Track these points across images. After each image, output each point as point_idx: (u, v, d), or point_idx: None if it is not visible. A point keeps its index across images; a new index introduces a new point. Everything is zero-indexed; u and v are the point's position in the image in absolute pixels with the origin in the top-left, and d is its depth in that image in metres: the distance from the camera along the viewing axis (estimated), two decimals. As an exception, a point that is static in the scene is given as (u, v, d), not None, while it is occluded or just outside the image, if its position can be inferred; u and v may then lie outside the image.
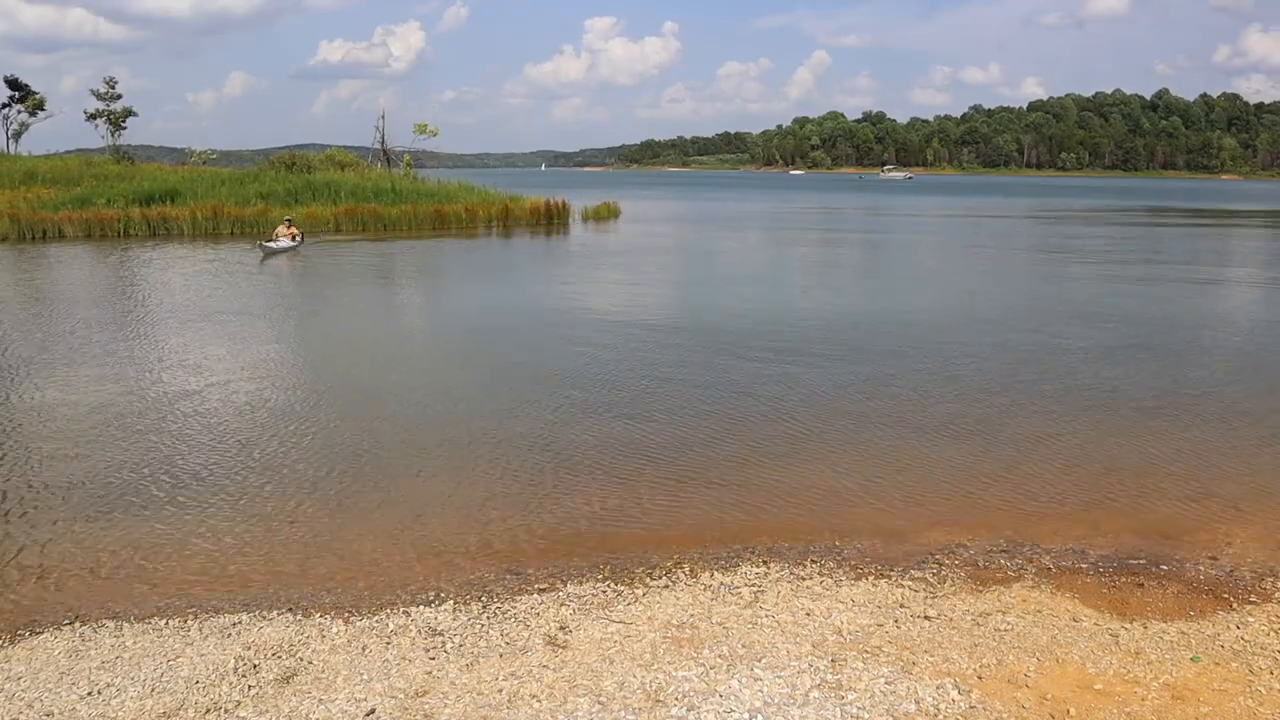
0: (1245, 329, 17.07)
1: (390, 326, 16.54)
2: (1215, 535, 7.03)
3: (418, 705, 4.60)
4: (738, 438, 9.45)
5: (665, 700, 4.59)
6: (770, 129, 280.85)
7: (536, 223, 39.75)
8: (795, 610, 5.66)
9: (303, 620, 5.61)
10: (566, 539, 6.95)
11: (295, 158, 45.41)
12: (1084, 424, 10.03)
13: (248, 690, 4.78)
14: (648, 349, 13.88)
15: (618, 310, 17.86)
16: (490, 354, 13.69)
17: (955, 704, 4.55)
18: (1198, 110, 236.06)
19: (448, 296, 20.67)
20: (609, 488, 8.01)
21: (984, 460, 8.81)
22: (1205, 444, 9.37)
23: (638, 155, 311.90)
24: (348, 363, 13.29)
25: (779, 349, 13.96)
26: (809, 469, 8.55)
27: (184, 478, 8.21)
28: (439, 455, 8.91)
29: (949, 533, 7.05)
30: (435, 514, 7.42)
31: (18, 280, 22.12)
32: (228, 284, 21.38)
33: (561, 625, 5.48)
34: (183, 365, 12.68)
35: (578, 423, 9.93)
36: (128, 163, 46.48)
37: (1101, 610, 5.71)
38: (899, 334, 15.30)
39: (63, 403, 10.67)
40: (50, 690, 4.82)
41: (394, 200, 37.22)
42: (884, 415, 10.32)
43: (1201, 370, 12.99)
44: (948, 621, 5.51)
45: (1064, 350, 14.03)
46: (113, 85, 53.89)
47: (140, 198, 34.08)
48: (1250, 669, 4.94)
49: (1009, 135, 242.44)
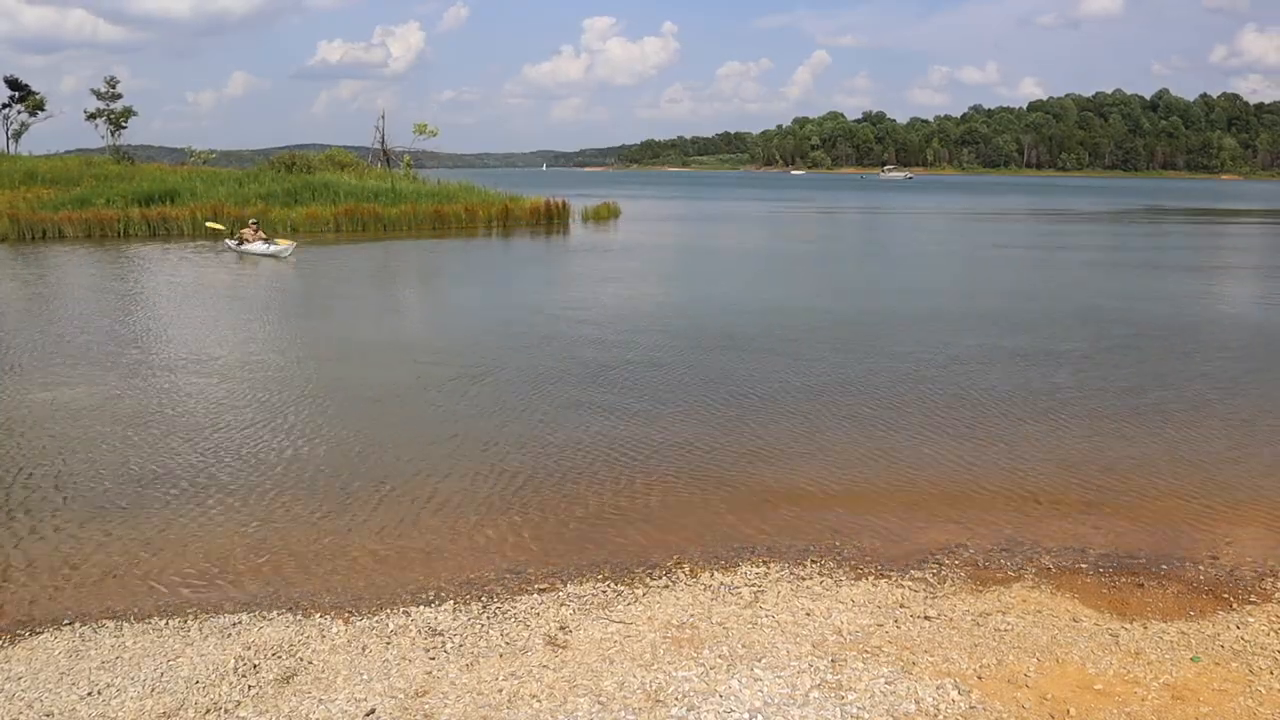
0: (1247, 328, 17.07)
1: (390, 326, 16.54)
2: (1215, 535, 7.03)
3: (418, 705, 4.60)
4: (738, 437, 9.45)
5: (665, 700, 4.59)
6: (770, 129, 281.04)
7: (536, 223, 39.76)
8: (795, 610, 5.66)
9: (303, 620, 5.61)
10: (566, 539, 6.95)
11: (295, 158, 45.41)
12: (1084, 423, 10.03)
13: (248, 690, 4.78)
14: (647, 348, 13.87)
15: (616, 309, 17.86)
16: (489, 353, 13.69)
17: (955, 704, 4.55)
18: (1198, 110, 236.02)
19: (446, 296, 20.67)
20: (609, 487, 8.01)
21: (984, 460, 8.80)
22: (1205, 443, 9.37)
23: (638, 155, 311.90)
24: (348, 362, 13.29)
25: (779, 348, 13.96)
26: (809, 469, 8.55)
27: (184, 477, 8.21)
28: (439, 454, 8.91)
29: (949, 533, 7.05)
30: (435, 514, 7.42)
31: (18, 280, 22.13)
32: (228, 284, 21.39)
33: (561, 625, 5.48)
34: (182, 365, 12.68)
35: (577, 422, 9.92)
36: (128, 163, 46.46)
37: (1101, 610, 5.71)
38: (899, 333, 15.29)
39: (62, 402, 10.67)
40: (50, 690, 4.82)
41: (393, 200, 37.22)
42: (884, 415, 10.31)
43: (1202, 370, 12.98)
44: (948, 621, 5.51)
45: (1064, 350, 14.03)
46: (113, 85, 53.92)
47: (140, 198, 34.06)
48: (1250, 669, 4.94)
49: (1009, 135, 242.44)
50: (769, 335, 15.09)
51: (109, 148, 53.01)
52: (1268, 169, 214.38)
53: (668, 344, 14.29)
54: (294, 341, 14.86)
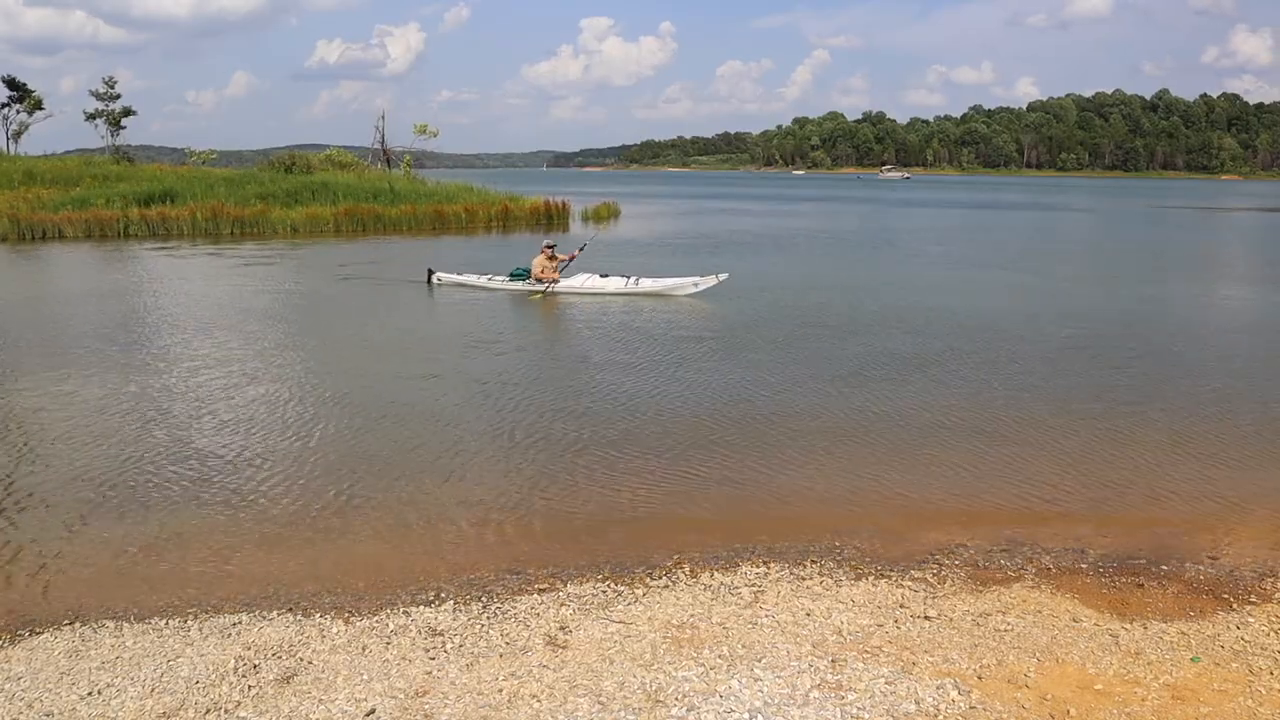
0: (1248, 328, 17.07)
1: (389, 326, 16.53)
2: (1215, 535, 7.02)
3: (418, 705, 4.60)
4: (738, 437, 9.44)
5: (665, 700, 4.59)
6: (770, 129, 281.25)
7: (537, 223, 39.83)
8: (795, 610, 5.66)
9: (303, 620, 5.61)
10: (566, 539, 6.95)
11: (295, 158, 45.41)
12: (1085, 423, 10.03)
13: (248, 690, 4.78)
14: (646, 348, 13.87)
15: (614, 310, 17.84)
16: (489, 353, 13.69)
17: (955, 704, 4.55)
18: (1198, 110, 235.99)
19: (443, 296, 20.66)
20: (609, 487, 8.01)
21: (984, 460, 8.80)
22: (1206, 443, 9.36)
23: (638, 155, 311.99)
24: (348, 361, 13.28)
25: (778, 348, 13.96)
26: (809, 468, 8.54)
27: (184, 477, 8.21)
28: (439, 454, 8.91)
29: (949, 533, 7.05)
30: (435, 514, 7.42)
31: (18, 281, 22.12)
32: (228, 283, 21.38)
33: (561, 625, 5.48)
34: (182, 364, 12.68)
35: (577, 422, 9.92)
36: (127, 163, 46.47)
37: (1101, 610, 5.71)
38: (900, 332, 15.29)
39: (62, 402, 10.67)
40: (50, 690, 4.82)
41: (392, 201, 37.28)
42: (884, 414, 10.31)
43: (1203, 369, 12.98)
44: (948, 622, 5.51)
45: (1064, 349, 14.02)
46: (111, 85, 53.92)
47: (140, 198, 34.07)
48: (1250, 669, 4.94)
49: (1008, 136, 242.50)
50: (767, 334, 15.08)
51: (109, 148, 53.02)
52: (1268, 169, 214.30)
53: (667, 342, 14.28)
54: (293, 340, 14.85)
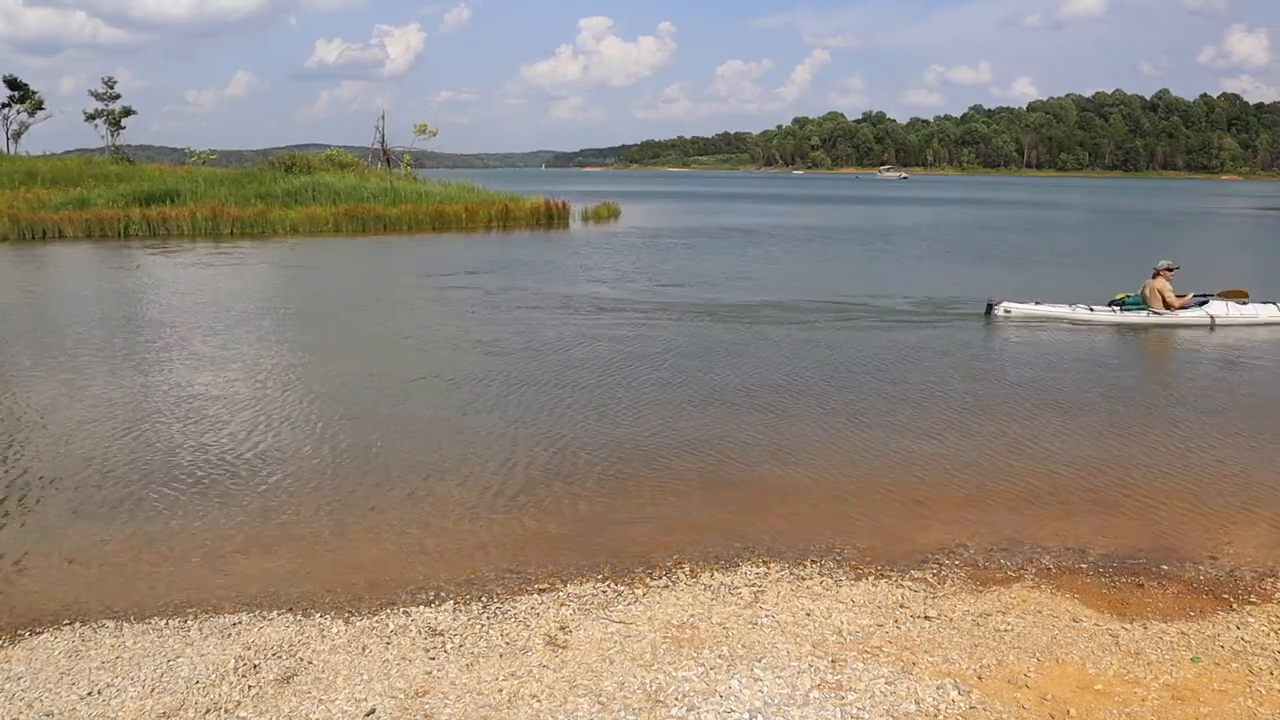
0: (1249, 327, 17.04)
1: (389, 326, 16.53)
2: (1215, 535, 7.02)
3: (418, 705, 4.60)
4: (738, 437, 9.44)
5: (665, 700, 4.58)
6: (770, 129, 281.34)
7: (536, 223, 39.90)
8: (795, 610, 5.66)
9: (303, 620, 5.61)
10: (566, 539, 6.95)
11: (295, 158, 45.39)
12: (1085, 423, 10.03)
13: (248, 690, 4.78)
14: (646, 348, 13.87)
15: (615, 308, 17.84)
16: (489, 352, 13.69)
17: (955, 704, 4.55)
18: (1198, 110, 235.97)
19: (444, 296, 20.66)
20: (609, 487, 8.00)
21: (984, 460, 8.80)
22: (1206, 443, 9.36)
23: (638, 155, 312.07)
24: (348, 361, 13.28)
25: (779, 347, 13.96)
26: (809, 468, 8.54)
27: (184, 477, 8.21)
28: (439, 454, 8.91)
29: (949, 533, 7.05)
30: (435, 514, 7.42)
31: (19, 280, 22.12)
32: (228, 283, 21.38)
33: (561, 625, 5.48)
34: (182, 364, 12.68)
35: (577, 422, 9.92)
36: (127, 163, 46.49)
37: (1101, 610, 5.71)
38: (900, 331, 15.29)
39: (62, 402, 10.67)
40: (50, 690, 4.82)
41: (393, 201, 37.33)
42: (884, 414, 10.31)
43: (1203, 369, 12.99)
44: (948, 622, 5.51)
45: (1064, 349, 14.02)
46: (111, 85, 53.97)
47: (140, 198, 34.09)
48: (1250, 669, 4.94)
49: (1009, 136, 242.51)
50: (768, 334, 15.08)
51: (109, 148, 53.06)
52: (1268, 169, 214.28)
53: (667, 342, 14.28)
54: (293, 340, 14.85)
